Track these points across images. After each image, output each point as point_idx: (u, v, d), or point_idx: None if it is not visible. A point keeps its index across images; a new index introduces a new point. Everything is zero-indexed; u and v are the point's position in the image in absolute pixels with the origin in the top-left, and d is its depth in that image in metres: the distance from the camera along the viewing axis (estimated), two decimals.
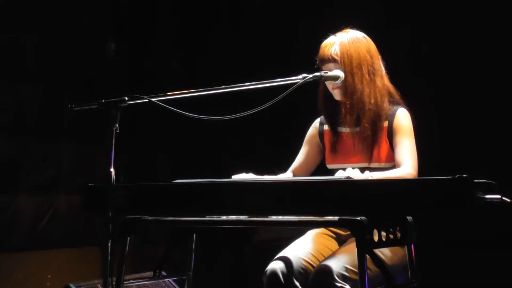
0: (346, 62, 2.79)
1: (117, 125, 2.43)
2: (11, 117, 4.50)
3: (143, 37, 5.19)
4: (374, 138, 2.78)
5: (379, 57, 2.86)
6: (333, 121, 2.91)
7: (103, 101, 2.49)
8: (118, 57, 5.03)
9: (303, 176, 2.99)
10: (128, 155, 4.82)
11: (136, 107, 2.55)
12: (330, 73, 2.78)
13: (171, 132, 5.09)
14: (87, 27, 4.83)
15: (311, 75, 2.70)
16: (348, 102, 2.79)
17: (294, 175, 2.98)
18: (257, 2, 4.97)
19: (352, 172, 2.47)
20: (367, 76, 2.79)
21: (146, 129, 5.09)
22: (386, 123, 2.79)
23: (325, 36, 2.88)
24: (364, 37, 2.86)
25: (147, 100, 2.54)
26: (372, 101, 2.78)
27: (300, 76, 2.66)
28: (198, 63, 5.20)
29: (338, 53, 2.80)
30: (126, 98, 2.48)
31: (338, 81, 2.80)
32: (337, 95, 2.84)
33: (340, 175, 2.47)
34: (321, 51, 2.85)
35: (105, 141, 2.42)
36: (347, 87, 2.79)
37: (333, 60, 2.80)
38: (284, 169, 3.02)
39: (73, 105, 2.58)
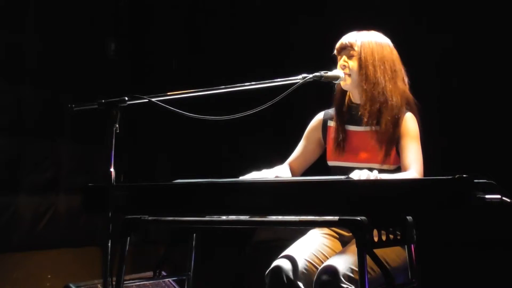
0: (367, 50, 2.78)
1: (117, 125, 2.43)
2: (11, 117, 4.50)
3: (143, 37, 5.19)
4: (388, 138, 2.75)
5: (402, 66, 2.85)
6: (343, 119, 2.88)
7: (103, 101, 2.49)
8: (118, 57, 5.03)
9: (300, 169, 2.99)
10: (128, 155, 4.82)
11: (136, 107, 2.55)
12: (330, 73, 2.77)
13: (171, 132, 5.09)
14: (87, 27, 4.83)
15: (311, 75, 2.69)
16: (367, 93, 2.76)
17: (291, 168, 2.97)
18: (257, 2, 4.97)
19: (361, 173, 2.44)
20: (389, 72, 2.78)
21: (146, 129, 5.09)
22: (398, 127, 2.77)
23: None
24: (390, 42, 2.86)
25: (147, 100, 2.54)
26: (394, 99, 2.76)
27: (300, 76, 2.66)
28: (198, 63, 5.20)
29: (358, 42, 2.79)
30: (126, 98, 2.48)
31: (338, 81, 2.80)
32: (344, 83, 2.81)
33: (354, 175, 2.44)
34: (340, 40, 2.84)
35: (105, 141, 2.42)
36: (367, 75, 2.76)
37: (350, 46, 2.79)
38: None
39: (73, 105, 2.58)
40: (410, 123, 2.77)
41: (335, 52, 2.87)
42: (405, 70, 2.86)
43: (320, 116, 2.98)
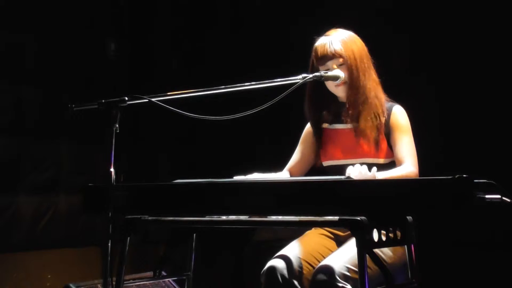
0: (351, 56, 2.80)
1: (117, 125, 2.43)
2: (11, 117, 4.50)
3: (143, 37, 5.19)
4: (375, 133, 2.77)
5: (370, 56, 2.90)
6: (320, 119, 2.91)
7: (103, 101, 2.49)
8: (118, 57, 5.03)
9: (300, 174, 3.00)
10: (128, 155, 4.82)
11: (136, 107, 2.55)
12: (330, 73, 2.78)
13: (171, 132, 5.09)
14: (87, 27, 4.83)
15: (311, 75, 2.70)
16: (352, 98, 2.80)
17: (290, 174, 2.98)
18: (257, 2, 4.97)
19: (360, 169, 2.46)
20: (369, 70, 2.83)
21: (146, 129, 5.09)
22: (383, 120, 2.80)
23: (315, 39, 2.89)
24: (355, 35, 2.88)
25: (147, 100, 2.54)
26: (372, 94, 2.80)
27: (300, 76, 2.67)
28: (198, 63, 5.20)
29: (342, 48, 2.81)
30: (126, 98, 2.48)
31: (338, 81, 2.80)
32: (341, 91, 2.84)
33: (350, 171, 2.46)
34: (320, 50, 2.84)
35: (105, 141, 2.42)
36: (353, 81, 2.80)
37: (338, 55, 2.80)
38: (282, 169, 3.01)
39: (73, 105, 2.59)
40: (400, 116, 2.80)
41: (315, 61, 2.85)
42: (372, 60, 2.88)
43: None
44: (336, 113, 2.90)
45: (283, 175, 2.96)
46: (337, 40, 2.83)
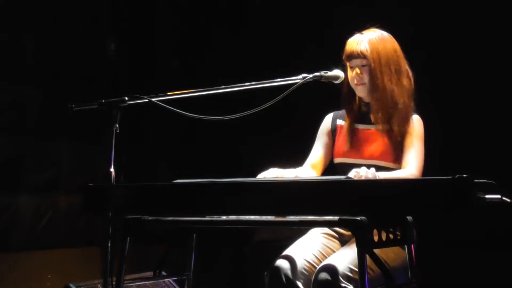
0: (375, 59, 2.80)
1: (117, 125, 2.43)
2: (11, 117, 4.50)
3: (143, 37, 5.19)
4: (400, 137, 2.78)
5: (404, 59, 2.88)
6: (353, 117, 2.91)
7: (103, 101, 2.50)
8: (118, 57, 5.03)
9: (323, 169, 2.99)
10: (128, 155, 4.81)
11: (136, 107, 2.55)
12: (330, 73, 2.78)
13: (171, 132, 5.08)
14: (87, 27, 4.83)
15: (311, 75, 2.70)
16: (377, 101, 2.81)
17: (313, 168, 2.97)
18: (257, 2, 4.98)
19: (361, 171, 2.46)
20: (395, 75, 2.82)
21: (146, 129, 5.09)
22: (406, 128, 2.81)
23: (351, 34, 2.89)
24: (390, 36, 2.88)
25: (147, 100, 2.55)
26: (402, 100, 2.81)
27: (300, 76, 2.67)
28: (198, 63, 5.20)
29: (368, 49, 2.81)
30: (126, 98, 2.49)
31: (338, 81, 2.80)
32: (360, 91, 2.85)
33: (352, 174, 2.46)
34: (348, 46, 2.86)
35: (105, 141, 2.42)
36: (376, 85, 2.80)
37: (362, 56, 2.81)
38: (285, 167, 3.00)
39: (73, 105, 2.59)
40: (416, 124, 2.82)
41: (344, 57, 2.87)
42: (408, 63, 2.88)
43: (330, 115, 3.02)
44: (361, 112, 2.90)
45: (304, 170, 2.93)
46: (367, 39, 2.84)
